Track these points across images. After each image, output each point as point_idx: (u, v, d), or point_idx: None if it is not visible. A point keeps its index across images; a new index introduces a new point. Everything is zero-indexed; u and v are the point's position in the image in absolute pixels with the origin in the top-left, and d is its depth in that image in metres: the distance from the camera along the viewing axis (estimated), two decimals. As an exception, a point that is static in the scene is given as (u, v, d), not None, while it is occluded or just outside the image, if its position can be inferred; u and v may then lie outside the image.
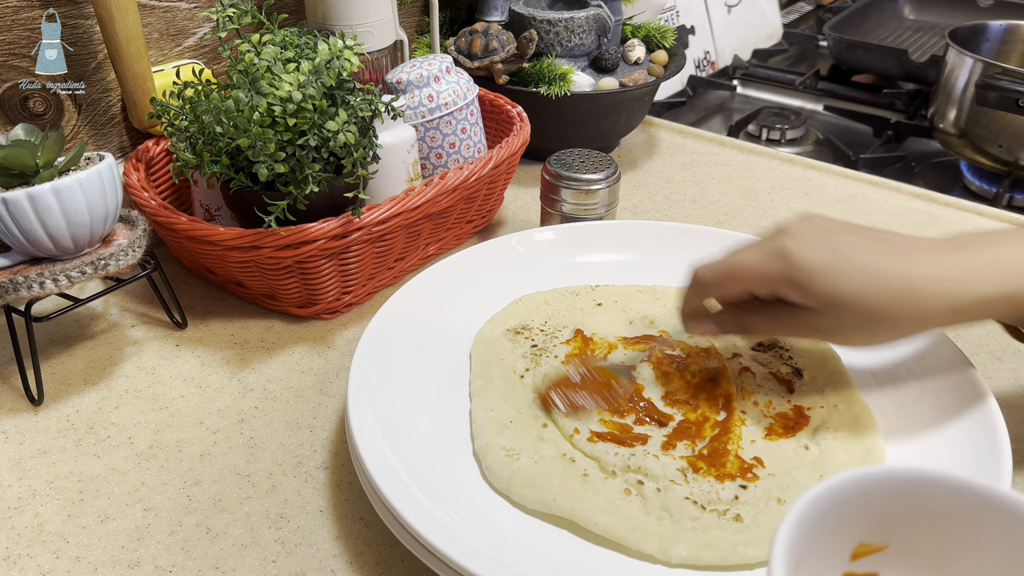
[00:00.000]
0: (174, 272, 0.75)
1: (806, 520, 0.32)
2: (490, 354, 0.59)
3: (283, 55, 0.60)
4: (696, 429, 0.53)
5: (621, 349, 0.59)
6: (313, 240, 0.62)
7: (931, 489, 0.34)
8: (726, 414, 0.54)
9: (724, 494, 0.47)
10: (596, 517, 0.46)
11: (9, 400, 0.61)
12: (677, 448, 0.51)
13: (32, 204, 0.54)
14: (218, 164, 0.61)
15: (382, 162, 0.69)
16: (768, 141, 1.14)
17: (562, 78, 0.87)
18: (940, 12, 1.49)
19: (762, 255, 0.48)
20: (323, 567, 0.48)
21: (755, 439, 0.52)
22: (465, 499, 0.48)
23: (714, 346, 0.59)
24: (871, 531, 0.35)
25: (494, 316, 0.63)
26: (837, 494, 0.33)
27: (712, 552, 0.44)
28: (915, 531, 0.34)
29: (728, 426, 0.53)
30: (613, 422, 0.53)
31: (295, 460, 0.55)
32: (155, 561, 0.48)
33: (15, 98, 0.68)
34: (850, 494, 0.33)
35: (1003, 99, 0.94)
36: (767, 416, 0.54)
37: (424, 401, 0.55)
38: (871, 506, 0.34)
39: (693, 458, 0.50)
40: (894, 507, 0.34)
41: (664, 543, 0.45)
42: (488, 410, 0.54)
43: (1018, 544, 0.32)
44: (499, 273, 0.67)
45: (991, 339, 0.67)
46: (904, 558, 0.35)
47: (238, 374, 0.63)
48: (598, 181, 0.72)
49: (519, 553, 0.45)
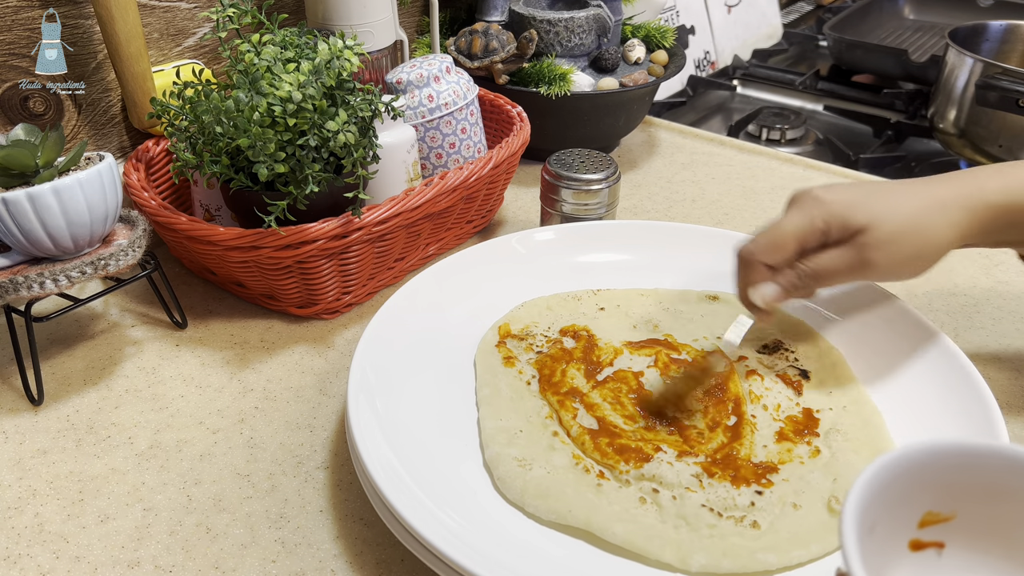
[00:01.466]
0: (174, 272, 0.75)
1: (875, 486, 0.33)
2: (495, 361, 0.59)
3: (283, 55, 0.60)
4: (708, 434, 0.53)
5: (627, 354, 0.59)
6: (313, 240, 0.62)
7: (996, 462, 0.34)
8: (736, 418, 0.54)
9: (740, 500, 0.47)
10: (613, 527, 0.46)
11: (9, 400, 0.61)
12: (690, 454, 0.51)
13: (32, 204, 0.54)
14: (218, 164, 0.61)
15: (382, 162, 0.69)
16: (768, 141, 1.14)
17: (562, 78, 0.87)
18: (940, 12, 1.49)
19: (798, 213, 0.53)
20: (323, 567, 0.48)
21: (767, 443, 0.52)
22: (467, 499, 0.48)
23: (719, 349, 0.59)
24: (939, 501, 0.35)
25: (497, 322, 0.63)
26: (906, 462, 0.34)
27: (731, 560, 0.44)
28: (983, 504, 0.35)
29: (739, 431, 0.52)
30: (623, 430, 0.53)
31: (295, 460, 0.55)
32: (155, 561, 0.48)
33: (15, 98, 0.68)
34: (919, 463, 0.34)
35: (1003, 99, 0.94)
36: (777, 420, 0.54)
37: (424, 401, 0.55)
38: (939, 477, 0.34)
39: (707, 464, 0.50)
40: (962, 479, 0.35)
41: (682, 552, 0.45)
42: (497, 419, 0.54)
43: None
44: (499, 273, 0.67)
45: (991, 339, 0.67)
46: (971, 530, 0.36)
47: (238, 374, 0.63)
48: (598, 181, 0.72)
49: (521, 554, 0.45)
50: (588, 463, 0.50)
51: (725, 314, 0.63)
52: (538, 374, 0.58)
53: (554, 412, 0.55)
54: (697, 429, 0.53)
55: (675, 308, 0.65)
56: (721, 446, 0.52)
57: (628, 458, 0.50)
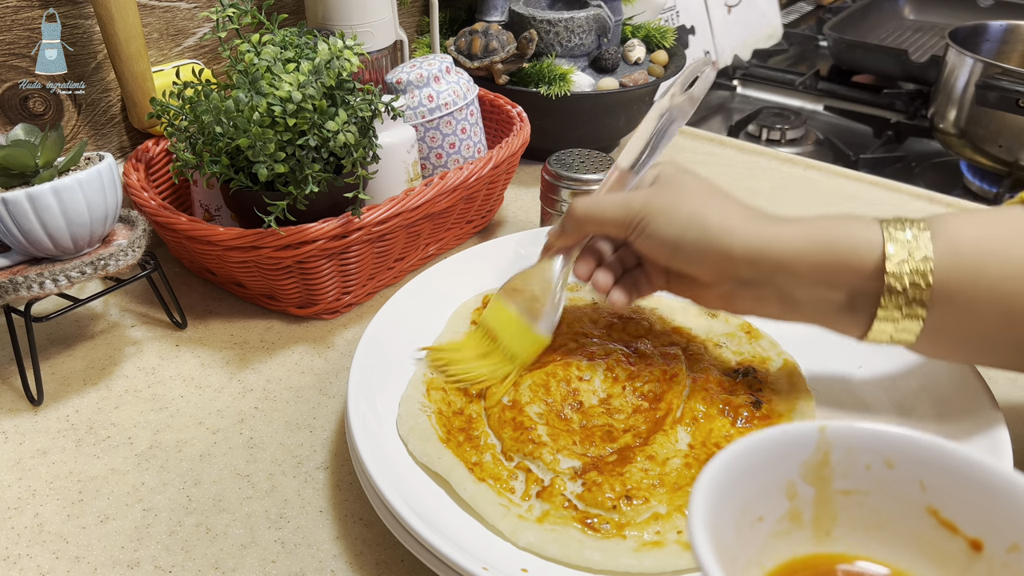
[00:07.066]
0: (174, 272, 0.75)
1: (730, 475, 0.32)
2: (463, 327, 0.62)
3: (283, 55, 0.60)
4: (615, 435, 0.52)
5: (583, 345, 0.59)
6: (313, 240, 0.62)
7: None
8: (654, 430, 0.52)
9: (603, 500, 0.47)
10: (466, 484, 0.48)
11: (9, 400, 0.61)
12: (586, 449, 0.51)
13: (32, 204, 0.54)
14: (218, 164, 0.61)
15: (382, 162, 0.69)
16: (768, 141, 1.14)
17: (562, 78, 0.87)
18: (940, 12, 1.49)
19: (616, 204, 0.52)
20: (323, 567, 0.48)
21: (676, 457, 0.51)
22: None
23: (682, 364, 0.57)
24: None
25: (487, 290, 0.65)
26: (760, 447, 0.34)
27: (559, 547, 0.45)
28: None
29: (650, 439, 0.51)
30: (528, 416, 0.53)
31: (295, 460, 0.55)
32: (155, 561, 0.48)
33: (15, 98, 0.68)
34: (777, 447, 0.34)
35: (1003, 99, 0.94)
36: (700, 447, 0.52)
37: (424, 401, 0.55)
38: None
39: (593, 460, 0.50)
40: None
41: (517, 526, 0.46)
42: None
43: None
44: (499, 273, 0.67)
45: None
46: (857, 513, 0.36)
47: (238, 374, 0.63)
48: (598, 181, 0.72)
49: (521, 553, 0.45)
50: (487, 431, 0.53)
51: (720, 331, 0.62)
52: None
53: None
54: (610, 429, 0.53)
55: (670, 316, 0.64)
56: (620, 450, 0.51)
57: (519, 437, 0.51)
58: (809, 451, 0.34)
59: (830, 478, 0.35)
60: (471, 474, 0.49)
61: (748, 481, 0.33)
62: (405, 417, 0.53)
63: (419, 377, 0.56)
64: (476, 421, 0.54)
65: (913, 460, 0.34)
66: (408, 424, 0.52)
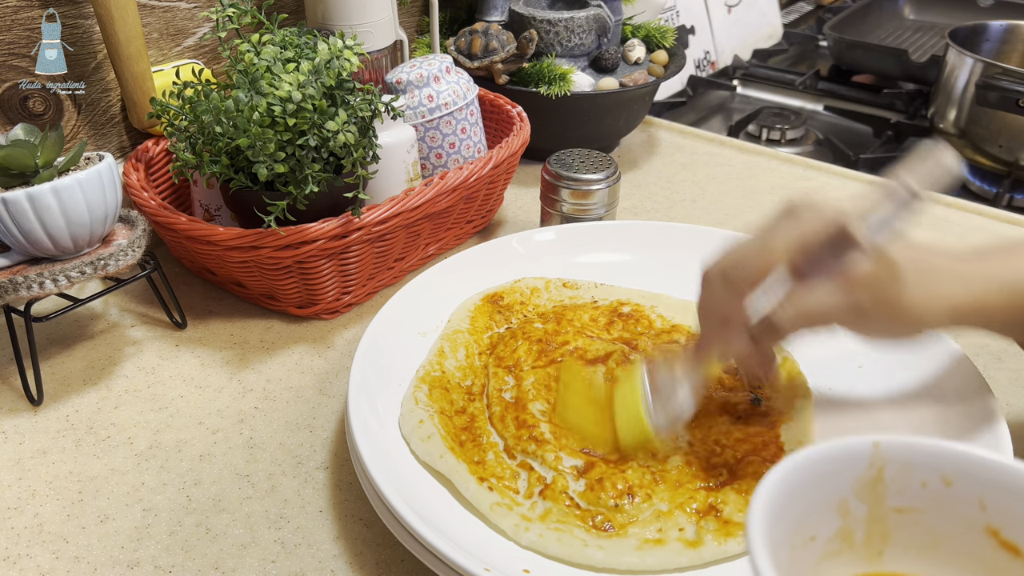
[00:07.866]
0: (174, 272, 0.75)
1: (789, 489, 0.31)
2: (465, 325, 0.61)
3: (283, 55, 0.60)
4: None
5: (583, 345, 0.59)
6: (313, 240, 0.62)
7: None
8: None
9: (606, 498, 0.47)
10: (469, 484, 0.48)
11: (9, 400, 0.61)
12: (575, 448, 0.51)
13: (32, 204, 0.54)
14: (218, 164, 0.61)
15: (382, 162, 0.69)
16: (768, 141, 1.14)
17: (562, 78, 0.87)
18: (940, 12, 1.49)
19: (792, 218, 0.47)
20: (323, 567, 0.48)
21: (677, 455, 0.50)
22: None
23: None
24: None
25: (487, 289, 0.65)
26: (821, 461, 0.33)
27: (561, 545, 0.45)
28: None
29: None
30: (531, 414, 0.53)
31: (295, 460, 0.55)
32: (155, 561, 0.48)
33: (15, 98, 0.68)
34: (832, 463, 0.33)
35: (1003, 99, 0.94)
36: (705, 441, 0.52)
37: (424, 401, 0.55)
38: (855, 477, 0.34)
39: (594, 459, 0.50)
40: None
41: (520, 525, 0.46)
42: (440, 360, 0.57)
43: None
44: (499, 273, 0.67)
45: (991, 340, 0.67)
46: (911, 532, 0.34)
47: (238, 374, 0.63)
48: (598, 181, 0.72)
49: (521, 553, 0.45)
50: (489, 429, 0.53)
51: None
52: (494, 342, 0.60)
53: (488, 378, 0.57)
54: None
55: (671, 315, 0.64)
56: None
57: (522, 435, 0.51)
58: (862, 467, 0.33)
59: (884, 495, 0.33)
60: (473, 473, 0.49)
61: (801, 499, 0.32)
62: (407, 417, 0.52)
63: (420, 376, 0.56)
64: (478, 420, 0.54)
65: (974, 478, 0.32)
66: (410, 423, 0.52)
